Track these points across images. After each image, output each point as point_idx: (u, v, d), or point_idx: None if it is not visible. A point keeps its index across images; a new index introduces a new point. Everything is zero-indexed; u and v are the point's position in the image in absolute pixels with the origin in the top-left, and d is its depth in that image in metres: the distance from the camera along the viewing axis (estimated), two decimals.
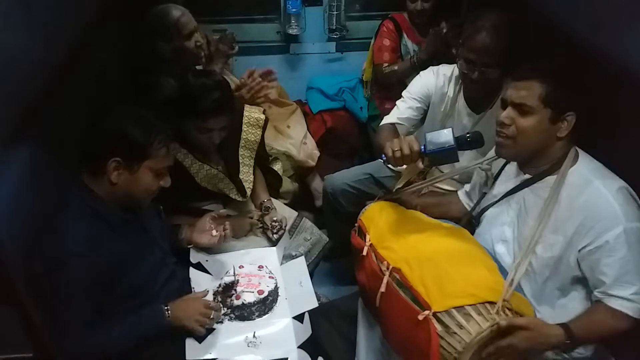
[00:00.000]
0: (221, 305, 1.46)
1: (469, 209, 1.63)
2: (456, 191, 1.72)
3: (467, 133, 1.38)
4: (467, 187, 1.67)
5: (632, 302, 1.20)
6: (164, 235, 1.52)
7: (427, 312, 1.16)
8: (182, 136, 1.63)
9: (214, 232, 1.59)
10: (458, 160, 1.36)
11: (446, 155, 1.33)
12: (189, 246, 1.61)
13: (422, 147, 1.34)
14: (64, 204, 1.26)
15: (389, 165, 1.46)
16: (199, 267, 1.60)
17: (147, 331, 1.33)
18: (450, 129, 1.34)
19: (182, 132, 1.62)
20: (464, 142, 1.35)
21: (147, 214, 1.45)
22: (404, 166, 1.42)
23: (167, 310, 1.35)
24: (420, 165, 1.38)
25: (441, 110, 1.84)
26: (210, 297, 1.51)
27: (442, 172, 1.83)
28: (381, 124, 1.90)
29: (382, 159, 1.44)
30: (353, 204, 2.04)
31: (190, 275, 1.54)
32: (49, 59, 1.18)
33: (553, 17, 1.52)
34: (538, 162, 1.35)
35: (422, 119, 1.90)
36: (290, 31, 2.71)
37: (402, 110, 1.86)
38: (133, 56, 1.93)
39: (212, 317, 1.38)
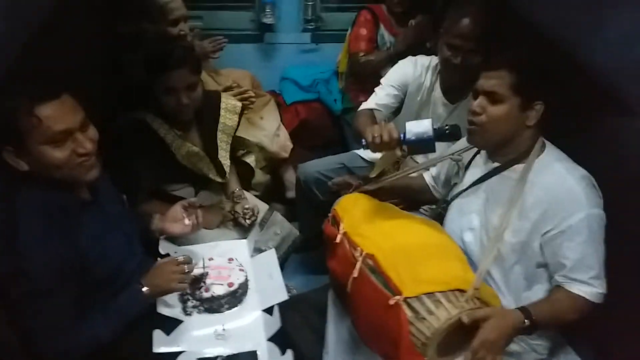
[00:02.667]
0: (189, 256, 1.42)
1: (433, 191, 1.67)
2: (421, 175, 1.73)
3: (446, 125, 1.39)
4: (433, 170, 1.68)
5: (590, 285, 1.25)
6: (129, 222, 1.47)
7: (398, 297, 1.16)
8: (159, 107, 1.63)
9: (186, 221, 1.56)
10: (434, 151, 1.39)
11: (424, 145, 1.36)
12: (161, 237, 1.58)
13: (402, 135, 1.36)
14: (15, 199, 1.17)
15: (367, 151, 1.46)
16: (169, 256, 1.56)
17: (131, 313, 1.30)
18: (430, 120, 1.36)
19: (157, 101, 1.61)
20: (442, 134, 1.36)
21: (108, 199, 1.39)
22: (380, 154, 1.45)
23: (142, 286, 1.32)
24: (398, 153, 1.43)
25: (417, 100, 1.86)
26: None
27: (417, 162, 1.85)
28: (359, 109, 1.92)
29: (362, 143, 1.45)
30: (326, 192, 2.03)
31: None
32: (11, 37, 1.11)
33: (525, 8, 1.55)
34: (507, 151, 1.38)
35: (399, 107, 1.92)
36: (264, 20, 2.69)
37: (380, 97, 1.89)
38: (112, 33, 1.89)
39: (187, 270, 1.36)
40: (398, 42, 2.34)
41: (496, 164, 1.42)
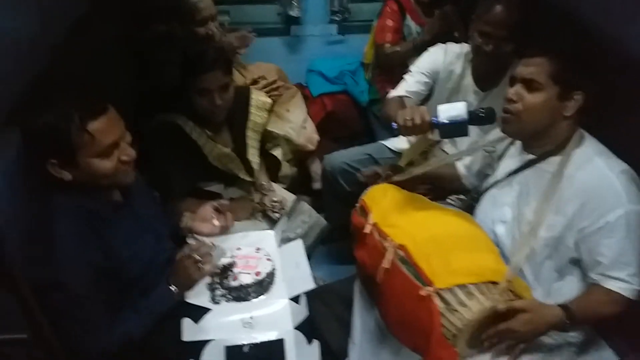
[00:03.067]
0: (209, 243, 1.45)
1: (465, 182, 1.65)
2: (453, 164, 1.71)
3: (481, 109, 1.36)
4: (466, 160, 1.66)
5: (628, 283, 1.22)
6: (160, 219, 1.49)
7: (429, 288, 1.15)
8: (191, 109, 1.65)
9: (216, 222, 1.58)
10: (467, 135, 1.36)
11: (457, 128, 1.34)
12: (190, 235, 1.60)
13: (434, 118, 1.34)
14: (50, 205, 1.20)
15: (395, 140, 1.46)
16: None
17: (161, 310, 1.33)
18: (464, 103, 1.34)
19: (189, 104, 1.63)
20: (476, 117, 1.34)
21: (139, 198, 1.41)
22: (407, 144, 1.42)
23: (169, 284, 1.35)
24: (430, 136, 1.41)
25: (447, 87, 1.85)
26: (207, 279, 1.48)
27: (446, 153, 1.83)
28: (389, 95, 1.91)
29: (393, 126, 1.44)
30: (352, 183, 2.04)
31: None
32: (45, 40, 1.14)
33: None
34: (542, 142, 1.34)
35: (428, 95, 1.91)
36: (291, 13, 2.68)
37: (410, 84, 1.88)
38: (142, 34, 1.91)
39: (203, 254, 1.39)
40: (424, 32, 2.31)
41: (531, 156, 1.38)
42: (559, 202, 1.29)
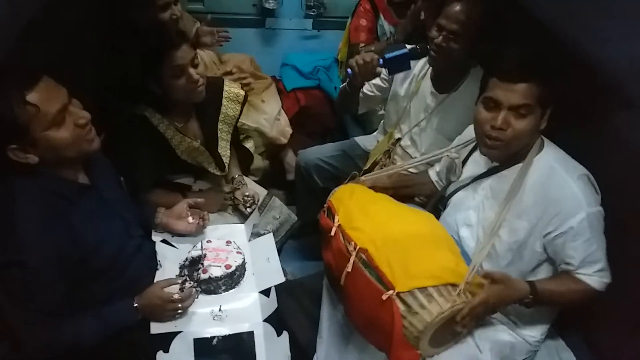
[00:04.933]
0: (193, 291, 1.42)
1: (439, 188, 1.68)
2: (426, 170, 1.76)
3: (417, 46, 1.61)
4: (437, 166, 1.70)
5: (597, 277, 1.29)
6: (127, 205, 1.47)
7: (391, 291, 1.19)
8: (163, 101, 1.60)
9: (190, 220, 1.58)
10: (410, 68, 1.65)
11: (400, 61, 1.61)
12: (164, 231, 1.60)
13: (380, 60, 1.59)
14: (15, 187, 1.17)
15: (363, 140, 1.54)
16: (166, 241, 1.59)
17: (118, 325, 1.31)
18: (405, 45, 1.60)
19: (163, 93, 1.58)
20: (414, 52, 1.62)
21: (106, 183, 1.39)
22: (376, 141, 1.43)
23: (135, 306, 1.32)
24: (378, 70, 1.62)
25: (404, 87, 1.89)
26: (176, 271, 1.50)
27: (412, 157, 1.88)
28: (340, 88, 1.94)
29: (349, 73, 1.67)
30: (325, 179, 2.09)
31: (157, 249, 1.53)
32: (12, 22, 1.11)
33: (530, 6, 1.54)
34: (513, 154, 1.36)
35: (387, 90, 1.95)
36: (266, 5, 2.67)
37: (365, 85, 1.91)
38: (104, 23, 1.85)
39: (185, 307, 1.36)
40: (397, 32, 2.34)
41: (495, 163, 1.42)
42: (521, 208, 1.33)
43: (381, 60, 1.59)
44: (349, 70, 1.63)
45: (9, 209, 1.15)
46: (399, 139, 1.95)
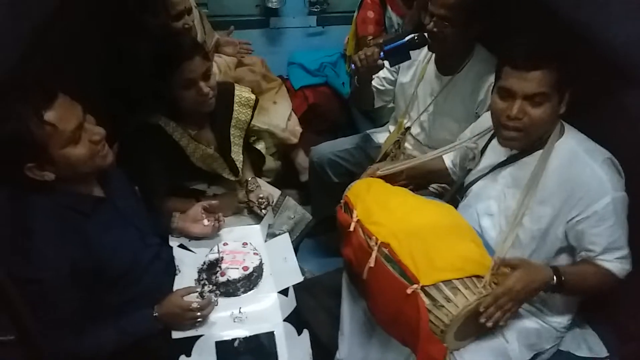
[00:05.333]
0: (213, 298, 1.42)
1: (453, 175, 1.67)
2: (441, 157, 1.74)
3: (415, 36, 1.64)
4: (452, 154, 1.68)
5: (618, 263, 1.26)
6: (142, 214, 1.48)
7: (415, 285, 1.17)
8: (174, 108, 1.61)
9: (206, 222, 1.59)
10: (410, 58, 1.69)
11: (400, 52, 1.66)
12: (181, 235, 1.60)
13: (381, 53, 1.65)
14: (30, 203, 1.18)
15: (376, 134, 1.66)
16: (183, 245, 1.59)
17: (138, 334, 1.32)
18: (404, 36, 1.66)
19: (173, 102, 1.58)
20: (412, 42, 1.65)
21: (120, 193, 1.39)
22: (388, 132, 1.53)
23: (155, 315, 1.32)
24: (381, 62, 1.65)
25: (410, 74, 1.91)
26: (194, 275, 1.50)
27: (422, 144, 1.89)
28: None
29: (352, 67, 1.74)
30: (339, 174, 2.09)
31: (174, 254, 1.53)
32: (15, 39, 1.10)
33: None
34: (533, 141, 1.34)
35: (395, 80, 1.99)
36: (269, 4, 2.65)
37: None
38: (117, 28, 1.86)
39: (204, 315, 1.36)
40: (405, 23, 2.31)
41: (515, 150, 1.39)
42: (544, 194, 1.31)
43: (382, 53, 1.64)
44: (352, 65, 1.67)
45: (24, 226, 1.16)
46: (408, 128, 1.95)
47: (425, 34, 1.65)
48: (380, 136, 2.13)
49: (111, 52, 1.84)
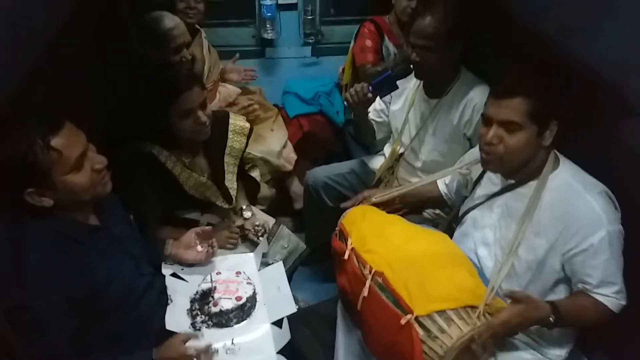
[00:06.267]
0: (213, 347, 1.36)
1: (448, 201, 1.68)
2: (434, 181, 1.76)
3: (399, 66, 1.79)
4: (446, 179, 1.70)
5: (614, 298, 1.25)
6: (137, 243, 1.47)
7: (409, 316, 1.16)
8: (169, 137, 1.61)
9: (199, 248, 1.58)
10: (397, 88, 1.76)
11: (387, 84, 1.73)
12: (174, 263, 1.58)
13: (370, 87, 1.72)
14: (24, 231, 1.17)
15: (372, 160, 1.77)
16: (176, 274, 1.57)
17: None
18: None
19: (169, 130, 1.59)
20: (398, 72, 1.77)
21: (116, 222, 1.39)
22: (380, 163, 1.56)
23: (152, 355, 1.29)
24: (370, 96, 1.72)
25: (400, 101, 1.96)
26: (187, 305, 1.48)
27: (414, 167, 1.91)
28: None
29: (345, 104, 1.87)
30: (334, 198, 2.10)
31: (167, 283, 1.51)
32: (15, 65, 1.12)
33: (524, 19, 1.55)
34: (522, 171, 1.35)
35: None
36: (265, 35, 2.71)
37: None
38: (115, 58, 1.89)
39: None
40: (402, 51, 2.36)
41: (510, 180, 1.40)
42: (539, 225, 1.31)
43: (370, 87, 1.71)
44: (345, 103, 1.74)
45: (18, 252, 1.14)
46: (401, 154, 1.99)
47: (410, 65, 1.72)
48: (375, 162, 2.15)
49: (108, 81, 1.86)
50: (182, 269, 1.59)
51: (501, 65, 1.40)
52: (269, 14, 2.62)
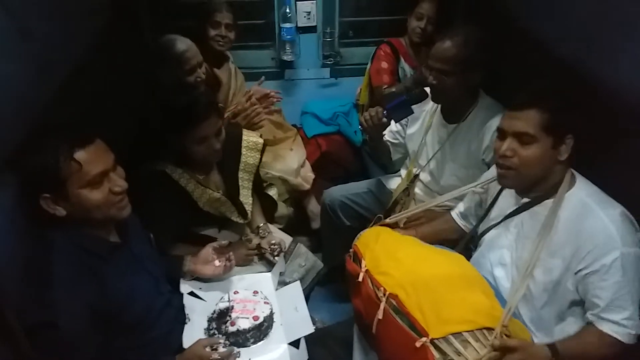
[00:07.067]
0: (235, 349, 1.39)
1: (465, 229, 1.65)
2: (449, 210, 1.75)
3: (415, 90, 1.69)
4: (460, 207, 1.69)
5: (623, 326, 1.21)
6: (156, 262, 1.49)
7: (424, 339, 1.15)
8: (183, 156, 1.64)
9: (217, 263, 1.59)
10: (413, 112, 1.73)
11: (402, 108, 1.70)
12: (192, 278, 1.60)
13: (384, 111, 1.71)
14: (48, 245, 1.19)
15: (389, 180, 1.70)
16: (193, 293, 1.58)
17: None
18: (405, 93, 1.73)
19: (182, 152, 1.62)
20: (413, 97, 1.69)
21: (136, 240, 1.41)
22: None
23: None
24: (385, 120, 1.71)
25: (417, 124, 1.97)
26: (204, 324, 1.49)
27: (432, 190, 1.90)
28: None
29: (360, 129, 1.92)
30: (351, 217, 2.11)
31: (184, 302, 1.52)
32: (41, 89, 1.17)
33: (543, 37, 1.55)
34: (538, 187, 1.35)
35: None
36: (285, 57, 2.75)
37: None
38: (133, 84, 1.94)
39: None
40: (418, 73, 2.38)
41: (526, 199, 1.39)
42: (555, 245, 1.29)
43: (385, 111, 1.70)
44: (360, 127, 1.74)
45: (42, 267, 1.17)
46: (417, 175, 1.98)
47: (426, 88, 1.71)
48: (392, 182, 2.15)
49: (124, 103, 1.91)
50: (200, 288, 1.60)
51: (521, 88, 1.39)
52: (288, 37, 2.66)
